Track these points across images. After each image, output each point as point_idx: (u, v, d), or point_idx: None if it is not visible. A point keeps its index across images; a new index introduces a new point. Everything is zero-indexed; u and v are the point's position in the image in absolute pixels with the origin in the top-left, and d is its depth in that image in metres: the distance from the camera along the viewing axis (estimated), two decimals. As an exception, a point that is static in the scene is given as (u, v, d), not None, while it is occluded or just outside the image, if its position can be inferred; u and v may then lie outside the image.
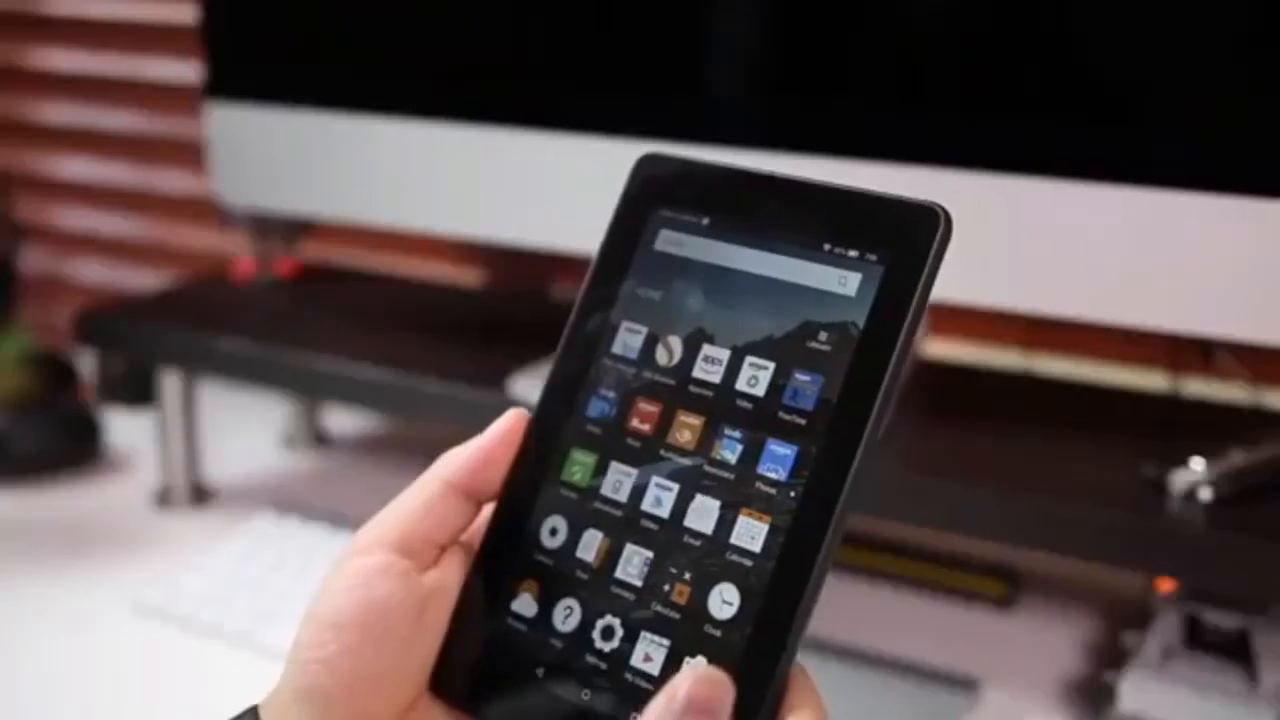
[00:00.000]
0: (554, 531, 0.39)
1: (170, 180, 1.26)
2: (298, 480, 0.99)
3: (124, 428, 1.05)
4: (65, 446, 0.99)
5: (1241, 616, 0.68)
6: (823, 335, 0.37)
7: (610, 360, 0.40)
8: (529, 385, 0.74)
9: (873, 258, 0.37)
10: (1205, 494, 0.62)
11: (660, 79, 0.72)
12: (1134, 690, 0.65)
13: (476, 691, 0.38)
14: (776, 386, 0.37)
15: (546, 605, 0.38)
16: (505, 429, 0.40)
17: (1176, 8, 0.59)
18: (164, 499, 0.94)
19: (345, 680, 0.36)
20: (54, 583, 0.83)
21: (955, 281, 0.66)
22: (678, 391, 0.39)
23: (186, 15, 1.13)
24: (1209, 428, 0.72)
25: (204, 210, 1.18)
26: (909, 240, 0.36)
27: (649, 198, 0.42)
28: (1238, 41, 0.58)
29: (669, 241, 0.41)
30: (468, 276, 1.12)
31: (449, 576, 0.38)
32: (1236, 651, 0.67)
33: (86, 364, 1.12)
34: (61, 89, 1.30)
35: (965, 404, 0.76)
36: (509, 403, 0.46)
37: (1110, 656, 0.73)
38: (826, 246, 0.38)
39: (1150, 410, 0.77)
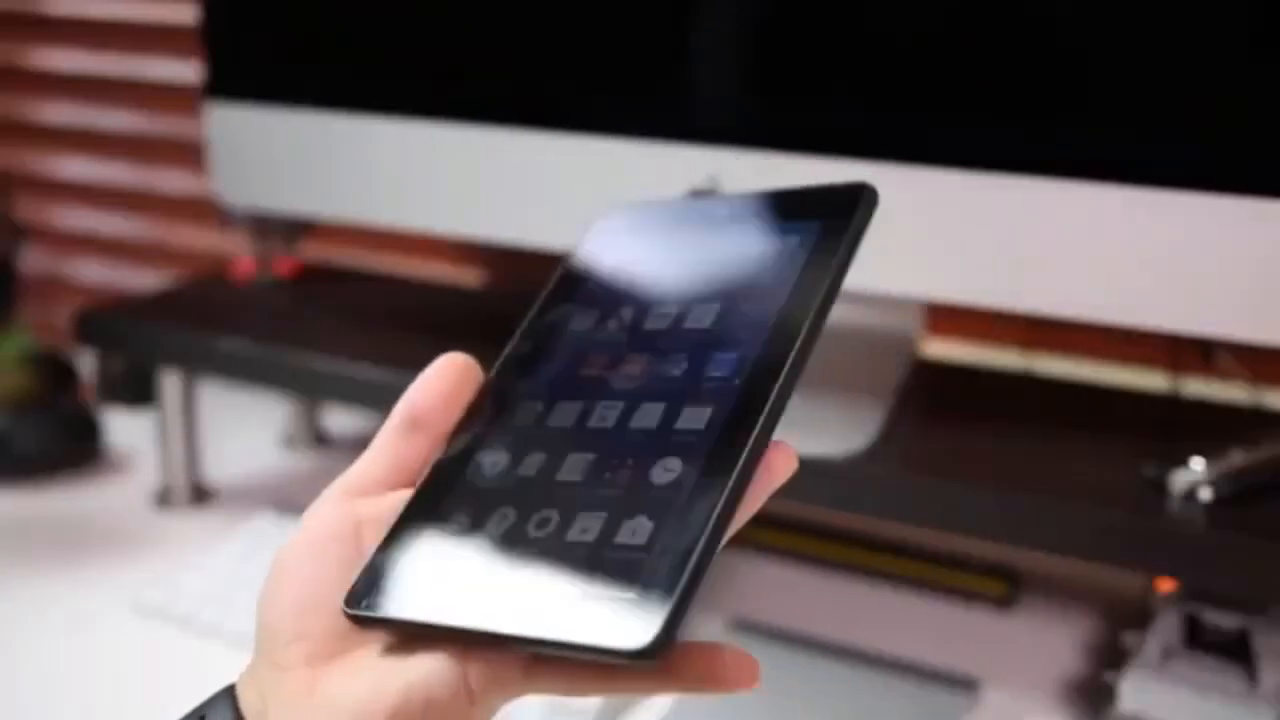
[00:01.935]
0: (495, 464, 0.39)
1: (170, 180, 1.26)
2: (298, 480, 0.99)
3: (124, 428, 1.05)
4: (65, 446, 0.99)
5: (1241, 616, 0.68)
6: (764, 278, 0.39)
7: (564, 338, 0.42)
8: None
9: (809, 221, 0.40)
10: (1205, 494, 0.62)
11: (660, 79, 0.72)
12: (1134, 690, 0.66)
13: (398, 601, 0.36)
14: (721, 318, 0.39)
15: (480, 518, 0.37)
16: (445, 361, 0.41)
17: (1177, 7, 0.59)
18: (164, 499, 0.94)
19: (285, 605, 0.36)
20: (54, 583, 0.83)
21: (955, 281, 0.66)
22: (628, 343, 0.41)
23: (186, 15, 1.13)
24: (1209, 428, 0.72)
25: (204, 210, 1.18)
26: (839, 206, 0.40)
27: (604, 220, 0.46)
28: (1238, 41, 0.58)
29: (616, 242, 0.45)
30: (468, 276, 1.12)
31: (387, 506, 0.39)
32: (1236, 651, 0.67)
33: (86, 364, 1.12)
34: (61, 89, 1.30)
35: (965, 404, 0.76)
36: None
37: (1110, 656, 0.73)
38: (766, 223, 0.41)
39: (1150, 410, 0.77)
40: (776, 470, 0.35)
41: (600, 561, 0.34)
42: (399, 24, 0.79)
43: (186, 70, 1.17)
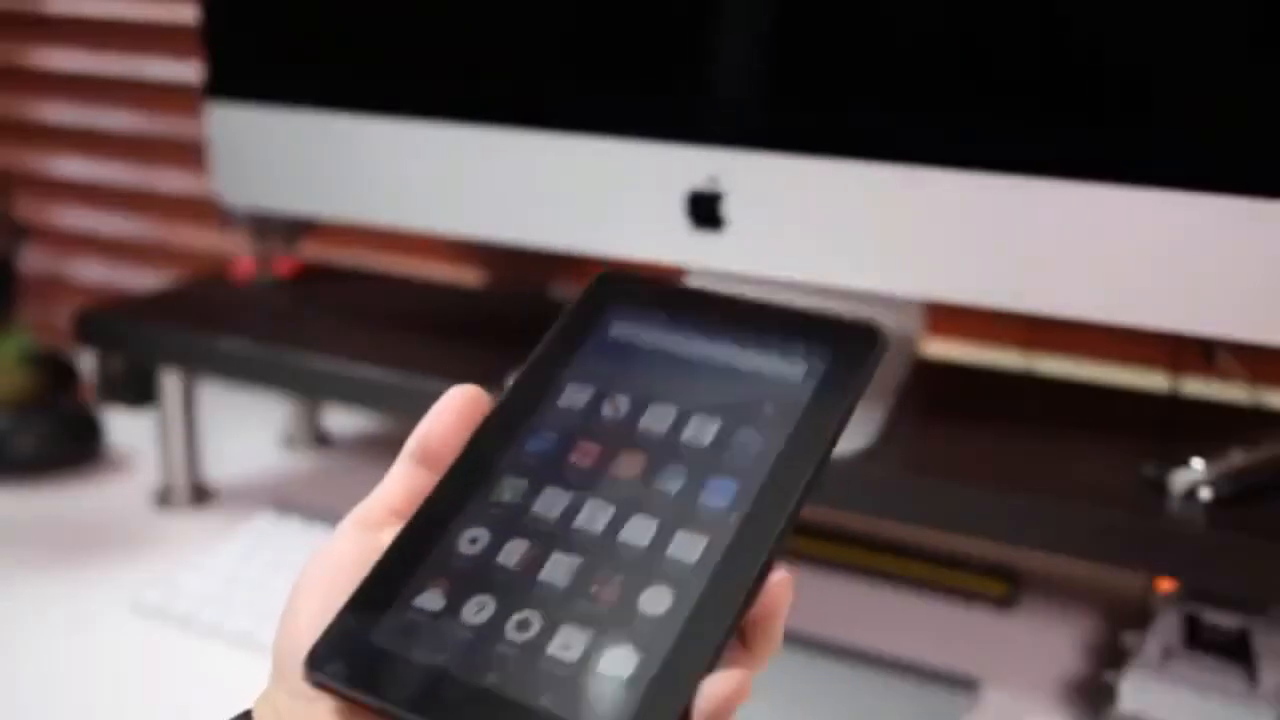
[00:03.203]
0: (474, 541, 0.37)
1: (170, 180, 1.26)
2: (298, 480, 0.99)
3: (124, 428, 1.05)
4: (65, 446, 0.99)
5: (1241, 616, 0.68)
6: (768, 405, 0.38)
7: (555, 409, 0.40)
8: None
9: (819, 355, 0.39)
10: (1205, 494, 0.62)
11: (660, 79, 0.72)
12: (1134, 690, 0.66)
13: (362, 674, 0.35)
14: (722, 437, 0.38)
15: (456, 601, 0.36)
16: (456, 396, 0.40)
17: (1177, 8, 0.59)
18: (164, 499, 0.94)
19: (303, 634, 0.36)
20: (54, 583, 0.83)
21: (955, 281, 0.66)
22: (621, 436, 0.39)
23: (186, 15, 1.13)
24: (1209, 428, 0.72)
25: (204, 210, 1.18)
26: (851, 345, 0.39)
27: (606, 296, 0.43)
28: (1238, 41, 0.58)
29: (624, 331, 0.42)
30: (468, 276, 1.12)
31: None
32: (1236, 651, 0.67)
33: (86, 364, 1.12)
34: (61, 89, 1.30)
35: (965, 404, 0.76)
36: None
37: (1110, 656, 0.73)
38: (775, 345, 0.40)
39: (1150, 410, 0.77)
40: (774, 605, 0.35)
41: (580, 689, 0.33)
42: (400, 24, 0.79)
43: (186, 70, 1.17)
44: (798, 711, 0.68)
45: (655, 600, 0.35)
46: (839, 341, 0.39)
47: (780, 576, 0.35)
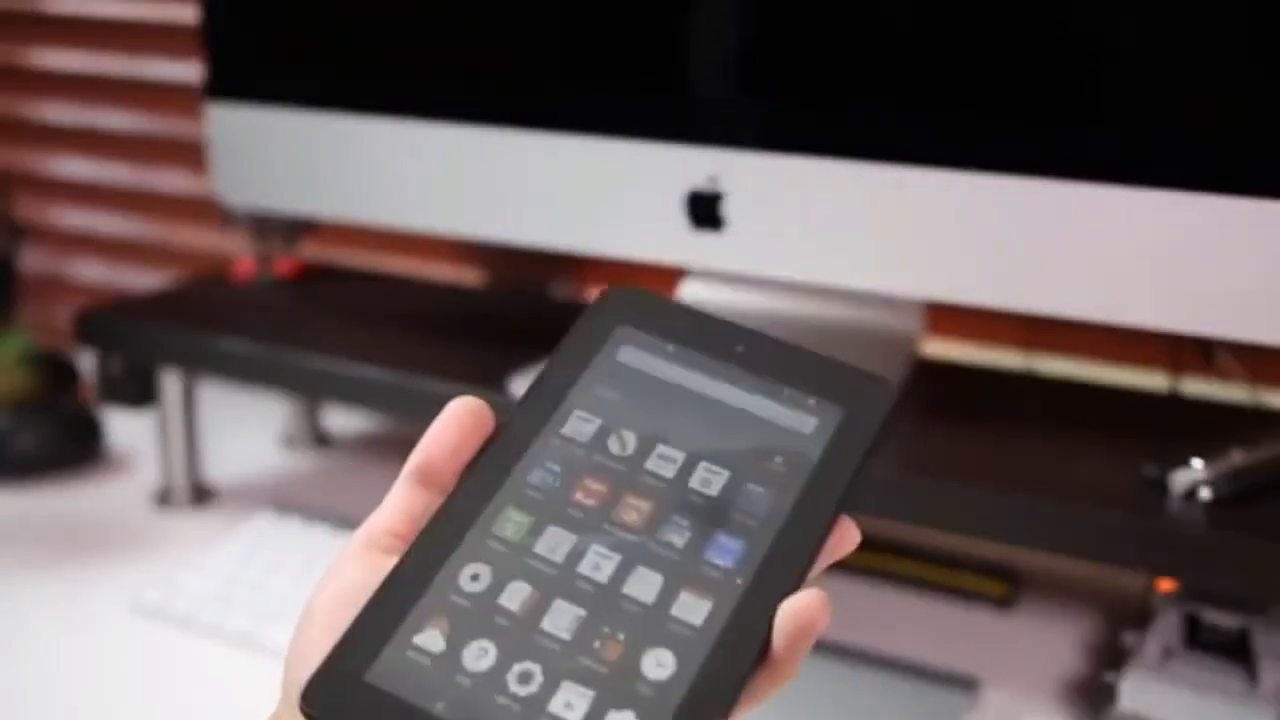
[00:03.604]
0: (475, 578, 0.36)
1: (170, 180, 1.26)
2: (298, 480, 0.99)
3: (124, 428, 1.05)
4: (65, 446, 0.99)
5: (1241, 616, 0.68)
6: (778, 459, 0.38)
7: (559, 439, 0.39)
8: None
9: (830, 407, 0.39)
10: (1205, 494, 0.62)
11: (660, 79, 0.72)
12: (1134, 690, 0.65)
13: (356, 714, 0.34)
14: (729, 490, 0.38)
15: (456, 644, 0.35)
16: (459, 410, 0.39)
17: (1177, 8, 0.59)
18: (164, 499, 0.94)
19: (314, 658, 0.35)
20: (54, 583, 0.83)
21: (955, 281, 0.66)
22: (627, 478, 0.38)
23: (186, 15, 1.13)
24: (1209, 428, 0.72)
25: (204, 210, 1.18)
26: (862, 401, 0.39)
27: (615, 316, 0.42)
28: (1238, 41, 0.58)
29: (632, 357, 0.41)
30: (468, 276, 1.12)
31: None
32: (1236, 651, 0.67)
33: (86, 364, 1.12)
34: (61, 89, 1.30)
35: (965, 404, 0.76)
36: (509, 403, 0.46)
37: (1110, 656, 0.73)
38: (787, 391, 0.40)
39: (1150, 410, 0.77)
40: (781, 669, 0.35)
41: None
42: (400, 24, 0.79)
43: (186, 70, 1.17)
44: (798, 711, 0.68)
45: (659, 664, 0.34)
46: (851, 395, 0.39)
47: (779, 644, 0.35)
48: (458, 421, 0.39)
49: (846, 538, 0.37)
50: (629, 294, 0.43)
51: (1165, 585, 0.70)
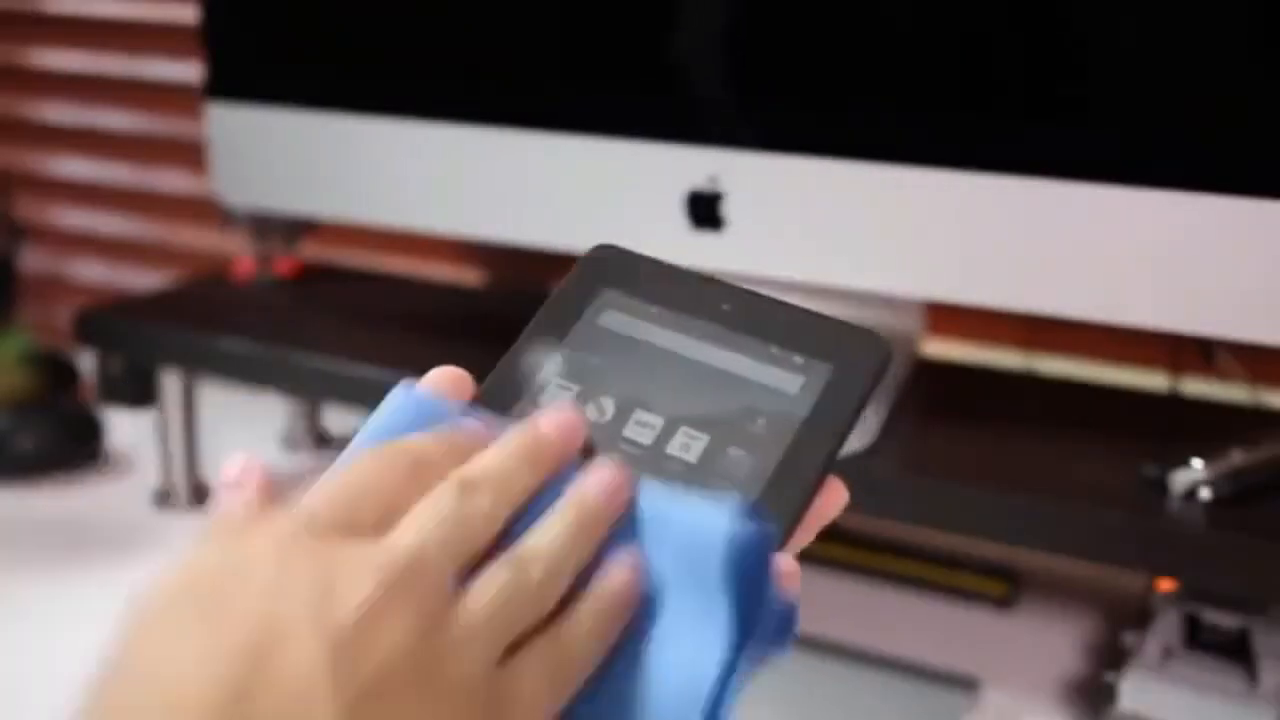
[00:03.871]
0: None
1: (170, 180, 1.26)
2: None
3: (124, 428, 1.05)
4: (65, 446, 0.99)
5: (1241, 616, 0.68)
6: (760, 421, 0.37)
7: (538, 409, 0.38)
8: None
9: (817, 365, 0.38)
10: (1205, 494, 0.62)
11: (660, 79, 0.72)
12: (1134, 690, 0.66)
13: None
14: (709, 455, 0.37)
15: None
16: (439, 380, 0.39)
17: (1177, 8, 0.59)
18: (164, 499, 0.94)
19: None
20: (54, 583, 0.83)
21: (955, 281, 0.66)
22: (604, 446, 0.37)
23: (186, 15, 1.13)
24: (1209, 428, 0.72)
25: (204, 210, 1.18)
26: (853, 356, 0.38)
27: (599, 278, 0.42)
28: (1237, 41, 0.58)
29: (614, 320, 0.40)
30: (468, 276, 1.12)
31: None
32: (1236, 651, 0.67)
33: (86, 364, 1.12)
34: (61, 89, 1.30)
35: (965, 404, 0.76)
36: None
37: (1110, 656, 0.73)
38: (773, 350, 0.39)
39: (1150, 410, 0.77)
40: None
41: None
42: (400, 24, 0.79)
43: (186, 70, 1.17)
44: (798, 711, 0.68)
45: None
46: (840, 351, 0.38)
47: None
48: (437, 391, 0.39)
49: (835, 499, 0.36)
50: (615, 254, 0.42)
51: (1165, 585, 0.70)
